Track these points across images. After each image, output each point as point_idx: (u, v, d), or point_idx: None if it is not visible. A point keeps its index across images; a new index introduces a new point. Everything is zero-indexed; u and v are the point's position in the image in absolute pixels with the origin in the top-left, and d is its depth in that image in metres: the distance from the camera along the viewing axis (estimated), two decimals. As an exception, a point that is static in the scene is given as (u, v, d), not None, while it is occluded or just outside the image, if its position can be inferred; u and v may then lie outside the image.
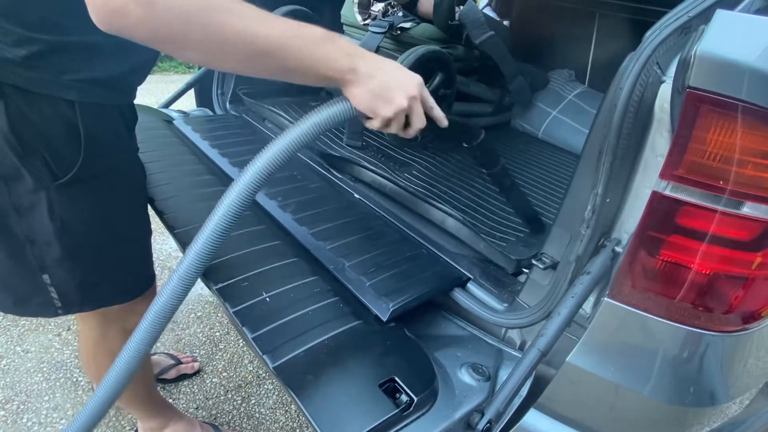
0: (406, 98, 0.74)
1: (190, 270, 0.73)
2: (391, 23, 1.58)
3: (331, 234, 1.17)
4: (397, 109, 0.74)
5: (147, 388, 1.30)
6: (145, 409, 1.35)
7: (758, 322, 0.80)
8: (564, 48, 2.31)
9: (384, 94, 0.73)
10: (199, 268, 0.74)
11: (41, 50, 0.73)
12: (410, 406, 0.81)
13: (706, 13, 0.74)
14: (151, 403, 1.34)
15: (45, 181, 0.80)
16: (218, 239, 0.73)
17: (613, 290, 0.81)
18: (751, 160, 0.66)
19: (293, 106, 1.86)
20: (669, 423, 0.86)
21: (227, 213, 0.72)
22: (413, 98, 0.75)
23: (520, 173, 1.70)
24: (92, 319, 1.07)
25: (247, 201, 0.72)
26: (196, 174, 1.41)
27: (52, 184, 0.81)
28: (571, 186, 0.87)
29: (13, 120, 0.75)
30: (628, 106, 0.73)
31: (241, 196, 0.72)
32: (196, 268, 0.73)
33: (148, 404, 1.33)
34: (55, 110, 0.77)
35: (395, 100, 0.74)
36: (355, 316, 0.97)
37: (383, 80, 0.73)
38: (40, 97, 0.75)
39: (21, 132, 0.76)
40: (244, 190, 0.72)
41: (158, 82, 4.73)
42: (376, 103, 0.73)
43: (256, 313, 0.94)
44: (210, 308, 2.03)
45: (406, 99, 0.74)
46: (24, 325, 1.86)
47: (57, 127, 0.78)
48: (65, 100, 0.77)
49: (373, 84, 0.72)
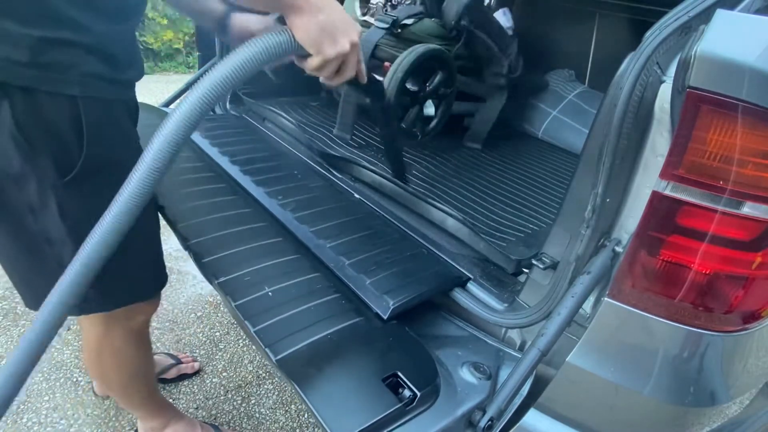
0: (349, 42, 0.73)
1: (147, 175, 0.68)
2: (395, 19, 1.57)
3: (331, 233, 1.17)
4: (339, 51, 0.73)
5: (148, 387, 1.30)
6: (146, 409, 1.35)
7: (758, 322, 0.80)
8: (564, 48, 2.31)
9: (331, 31, 0.71)
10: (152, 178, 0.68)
11: (45, 49, 0.74)
12: (413, 401, 0.81)
13: (706, 13, 0.74)
14: (152, 403, 1.34)
15: (53, 180, 0.80)
16: (155, 176, 0.68)
17: (613, 290, 0.81)
18: (751, 160, 0.66)
19: (293, 106, 1.86)
20: (669, 423, 0.86)
21: (163, 147, 0.67)
22: (354, 45, 0.75)
23: (520, 173, 1.70)
24: (97, 317, 1.06)
25: (185, 133, 0.68)
26: (196, 171, 1.41)
27: (60, 182, 0.81)
28: (571, 186, 0.87)
29: (19, 120, 0.75)
30: (628, 106, 0.73)
31: (178, 128, 0.67)
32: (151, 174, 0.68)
33: (149, 404, 1.33)
34: (58, 107, 0.77)
35: (340, 41, 0.72)
36: (357, 313, 0.97)
37: (332, 17, 0.71)
38: (44, 94, 0.76)
39: (28, 131, 0.76)
40: (182, 120, 0.67)
41: (158, 81, 4.73)
42: (321, 39, 0.71)
43: (259, 307, 0.94)
44: (210, 308, 2.03)
45: (349, 43, 0.73)
46: (24, 325, 1.86)
47: (61, 124, 0.78)
48: (68, 96, 0.77)
49: (322, 17, 0.70)
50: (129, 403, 1.32)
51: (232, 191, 1.33)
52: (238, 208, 1.26)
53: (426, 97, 1.53)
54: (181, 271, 2.20)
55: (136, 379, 1.22)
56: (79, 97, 0.78)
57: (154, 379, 1.35)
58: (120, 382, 1.21)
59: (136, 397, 1.29)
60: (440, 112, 1.59)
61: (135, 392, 1.27)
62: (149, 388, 1.31)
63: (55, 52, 0.75)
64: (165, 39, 5.09)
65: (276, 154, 1.57)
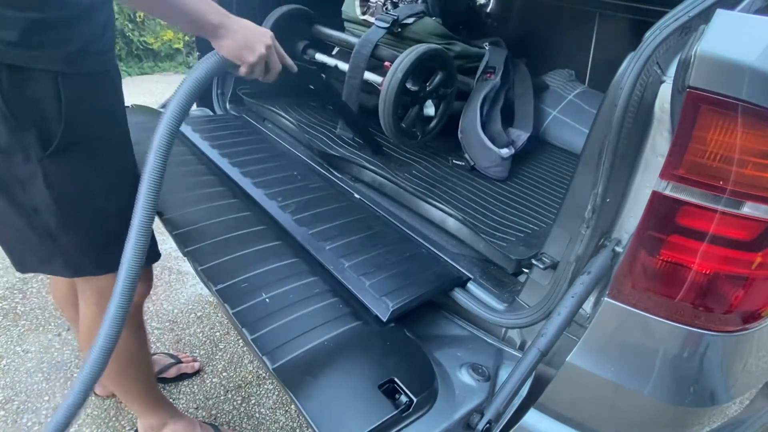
0: (264, 47, 0.94)
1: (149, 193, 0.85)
2: (395, 18, 1.56)
3: (331, 234, 1.17)
4: (259, 56, 0.94)
5: (144, 379, 1.30)
6: (143, 403, 1.34)
7: (758, 322, 0.80)
8: (564, 48, 2.31)
9: (247, 43, 0.92)
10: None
11: (32, 29, 0.79)
12: (410, 407, 0.81)
13: (706, 13, 0.74)
14: (149, 397, 1.34)
15: (38, 152, 0.86)
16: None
17: (613, 290, 0.81)
18: (751, 160, 0.66)
19: (293, 106, 1.86)
20: (669, 423, 0.86)
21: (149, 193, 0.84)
22: (269, 47, 0.95)
23: (520, 173, 1.70)
24: (91, 297, 1.11)
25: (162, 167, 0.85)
26: (195, 174, 1.41)
27: (44, 155, 0.87)
28: (571, 186, 0.87)
29: (6, 96, 0.81)
30: (628, 106, 0.73)
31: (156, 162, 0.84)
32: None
33: (146, 397, 1.33)
34: (41, 83, 0.83)
35: (257, 48, 0.93)
36: (355, 317, 0.97)
37: (246, 34, 0.92)
38: (29, 71, 0.81)
39: (13, 107, 0.82)
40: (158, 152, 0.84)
41: (158, 82, 4.73)
42: (242, 52, 0.92)
43: (256, 314, 0.94)
44: (210, 308, 2.03)
45: (264, 48, 0.94)
46: (24, 325, 1.86)
47: (43, 99, 0.84)
48: (51, 73, 0.83)
49: (238, 36, 0.91)
50: (125, 393, 1.32)
51: (231, 194, 1.34)
52: (238, 212, 1.26)
53: (426, 97, 1.53)
54: (180, 271, 2.20)
55: (130, 366, 1.24)
56: (60, 73, 0.83)
57: (151, 371, 1.35)
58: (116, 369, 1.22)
59: (131, 388, 1.30)
60: (440, 112, 1.59)
61: (129, 381, 1.27)
62: (145, 380, 1.31)
63: (41, 31, 0.80)
64: (165, 39, 5.10)
65: (276, 154, 1.57)
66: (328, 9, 1.82)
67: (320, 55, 1.74)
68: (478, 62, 1.77)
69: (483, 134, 1.61)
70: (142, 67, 5.00)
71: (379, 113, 1.43)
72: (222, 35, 0.91)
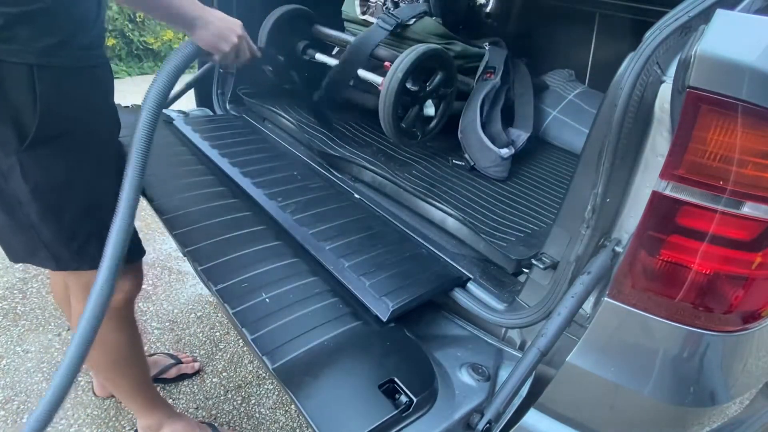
0: (236, 37, 1.05)
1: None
2: (398, 20, 1.56)
3: (331, 234, 1.17)
4: (232, 45, 1.04)
5: (137, 377, 1.30)
6: (139, 404, 1.34)
7: (758, 322, 0.80)
8: (564, 48, 2.31)
9: (220, 33, 1.01)
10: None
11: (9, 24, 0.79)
12: (410, 407, 0.81)
13: (706, 13, 0.74)
14: (145, 398, 1.34)
15: (15, 145, 0.87)
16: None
17: (613, 290, 0.81)
18: (751, 160, 0.66)
19: (293, 106, 1.86)
20: (669, 423, 0.86)
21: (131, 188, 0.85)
22: (240, 36, 1.06)
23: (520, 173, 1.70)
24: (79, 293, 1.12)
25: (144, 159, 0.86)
26: (196, 174, 1.41)
27: (20, 148, 0.87)
28: (571, 186, 0.87)
29: None
30: (628, 106, 0.73)
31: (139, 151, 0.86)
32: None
33: (140, 396, 1.33)
34: (17, 76, 0.83)
35: (229, 37, 1.03)
36: (355, 317, 0.97)
37: (218, 24, 1.01)
38: (6, 65, 0.81)
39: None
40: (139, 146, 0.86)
41: (158, 82, 4.73)
42: (216, 41, 1.01)
43: (256, 314, 0.94)
44: (210, 308, 2.03)
45: (236, 37, 1.05)
46: (24, 325, 1.86)
47: (19, 93, 0.84)
48: (27, 66, 0.82)
49: (212, 27, 0.99)
50: (120, 392, 1.33)
51: (231, 194, 1.33)
52: (238, 212, 1.26)
53: (426, 97, 1.53)
54: (180, 271, 2.20)
55: (121, 364, 1.24)
56: (35, 66, 0.83)
57: (145, 371, 1.35)
58: (106, 365, 1.23)
59: (125, 386, 1.30)
60: (440, 112, 1.59)
61: (122, 379, 1.27)
62: (139, 379, 1.31)
63: (19, 25, 0.80)
64: (165, 39, 5.10)
65: (276, 154, 1.57)
66: (328, 9, 1.82)
67: (320, 55, 1.74)
68: (478, 62, 1.77)
69: (483, 134, 1.61)
70: (142, 67, 5.00)
71: (379, 113, 1.43)
72: (198, 26, 0.97)
